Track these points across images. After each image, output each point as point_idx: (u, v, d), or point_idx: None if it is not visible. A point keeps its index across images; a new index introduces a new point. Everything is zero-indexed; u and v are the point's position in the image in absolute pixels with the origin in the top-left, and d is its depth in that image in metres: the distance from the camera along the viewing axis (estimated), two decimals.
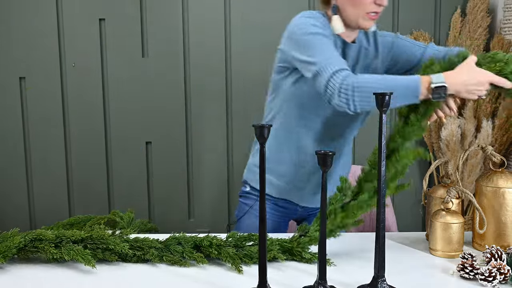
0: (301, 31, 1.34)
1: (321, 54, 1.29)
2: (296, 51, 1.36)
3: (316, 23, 1.34)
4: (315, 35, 1.32)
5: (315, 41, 1.31)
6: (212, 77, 2.43)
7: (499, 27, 2.36)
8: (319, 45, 1.31)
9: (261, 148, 0.98)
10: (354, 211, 1.19)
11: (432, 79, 1.20)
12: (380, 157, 1.01)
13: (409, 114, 1.24)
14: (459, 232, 1.24)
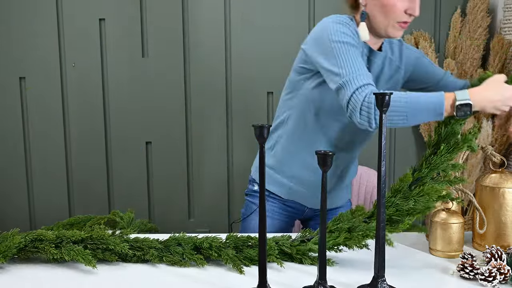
0: (330, 37, 1.30)
1: (348, 66, 1.25)
2: (322, 57, 1.31)
3: (347, 31, 1.30)
4: (344, 44, 1.28)
5: (343, 50, 1.27)
6: (212, 77, 2.43)
7: (499, 27, 2.36)
8: (347, 56, 1.27)
9: (261, 148, 0.98)
10: (359, 236, 1.18)
11: (456, 96, 1.17)
12: (380, 157, 1.01)
13: (440, 143, 1.21)
14: (459, 232, 1.24)
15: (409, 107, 1.17)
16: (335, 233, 1.20)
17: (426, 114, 1.18)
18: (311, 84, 1.41)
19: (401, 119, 1.19)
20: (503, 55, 2.25)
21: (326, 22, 1.33)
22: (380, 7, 1.31)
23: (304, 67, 1.42)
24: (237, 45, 2.41)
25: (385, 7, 1.30)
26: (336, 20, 1.33)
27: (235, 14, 2.39)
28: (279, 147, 1.51)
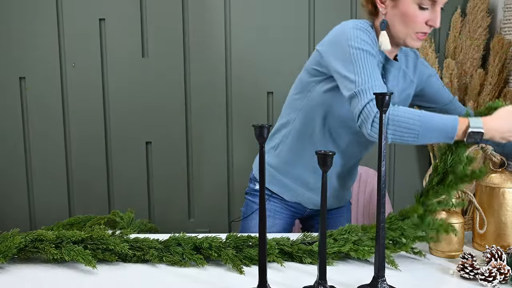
0: (349, 43, 1.26)
1: (364, 75, 1.23)
2: (338, 61, 1.28)
3: (367, 38, 1.28)
4: (363, 52, 1.25)
5: (362, 58, 1.25)
6: (212, 77, 2.43)
7: (499, 27, 2.36)
8: (365, 64, 1.24)
9: (261, 148, 0.98)
10: (364, 251, 1.19)
11: (470, 123, 1.17)
12: (380, 157, 1.01)
13: (448, 174, 1.21)
14: (459, 232, 1.24)
15: (422, 126, 1.16)
16: (340, 242, 1.20)
17: (437, 135, 1.18)
18: (322, 88, 1.39)
19: (411, 137, 1.18)
20: (503, 55, 2.25)
21: (346, 27, 1.30)
22: (400, 17, 1.29)
23: (317, 69, 1.39)
24: (237, 45, 2.41)
25: (406, 17, 1.28)
26: (357, 25, 1.29)
27: (235, 14, 2.39)
28: (284, 148, 1.50)
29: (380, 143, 1.01)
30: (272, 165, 1.52)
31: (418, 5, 1.27)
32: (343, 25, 1.32)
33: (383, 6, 1.32)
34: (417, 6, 1.27)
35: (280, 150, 1.51)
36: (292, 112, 1.48)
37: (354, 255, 1.18)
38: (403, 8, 1.28)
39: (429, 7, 1.27)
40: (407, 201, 2.59)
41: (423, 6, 1.27)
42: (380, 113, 1.00)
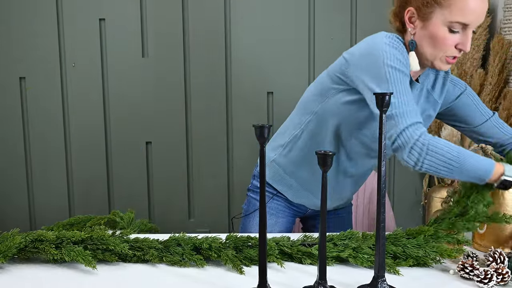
0: (385, 61, 1.21)
1: (401, 96, 1.19)
2: (371, 78, 1.23)
3: (402, 58, 1.23)
4: (400, 73, 1.21)
5: (399, 79, 1.20)
6: (212, 77, 2.43)
7: (499, 27, 2.36)
8: (402, 85, 1.20)
9: (261, 148, 0.98)
10: (363, 258, 1.19)
11: (505, 171, 1.16)
12: (380, 157, 1.01)
13: (469, 210, 1.21)
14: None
15: (459, 164, 1.15)
16: (340, 247, 1.20)
17: (471, 175, 1.17)
18: (342, 98, 1.34)
19: (446, 171, 1.16)
20: (503, 55, 2.25)
21: (381, 43, 1.23)
22: (429, 38, 1.25)
23: (341, 79, 1.33)
24: (237, 45, 2.41)
25: (435, 39, 1.24)
26: (392, 43, 1.24)
27: (235, 14, 2.39)
28: (293, 148, 1.47)
29: (380, 143, 1.01)
30: (280, 164, 1.50)
31: (448, 28, 1.22)
32: (376, 40, 1.25)
33: (412, 26, 1.28)
34: (447, 29, 1.22)
35: (289, 149, 1.48)
36: (306, 113, 1.44)
37: (353, 261, 1.18)
38: (433, 30, 1.23)
39: (459, 30, 1.22)
40: (407, 201, 2.61)
41: (454, 29, 1.22)
42: (380, 113, 1.00)
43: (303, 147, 1.45)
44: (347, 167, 1.45)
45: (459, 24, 1.22)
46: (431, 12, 1.23)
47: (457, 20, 1.21)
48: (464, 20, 1.21)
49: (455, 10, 1.20)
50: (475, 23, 1.22)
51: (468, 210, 1.21)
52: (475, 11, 1.20)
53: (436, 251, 1.18)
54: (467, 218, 1.20)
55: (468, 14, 1.20)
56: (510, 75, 2.29)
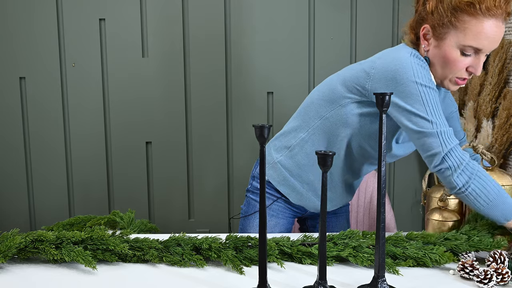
0: (414, 79, 1.20)
1: (438, 116, 1.20)
2: (398, 96, 1.22)
3: (429, 76, 1.23)
4: (431, 90, 1.21)
5: (432, 97, 1.21)
6: (212, 77, 2.43)
7: None
8: (435, 103, 1.21)
9: (261, 148, 0.98)
10: (364, 258, 1.19)
11: None
12: (380, 157, 1.01)
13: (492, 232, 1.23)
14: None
15: (496, 200, 1.17)
16: (340, 246, 1.20)
17: (499, 214, 1.18)
18: (358, 109, 1.33)
19: (483, 204, 1.18)
20: (503, 55, 2.25)
21: (406, 59, 1.22)
22: (441, 58, 1.25)
23: (359, 90, 1.32)
24: (237, 45, 2.41)
25: (447, 60, 1.23)
26: (417, 62, 1.23)
27: (235, 14, 2.39)
28: (300, 151, 1.46)
29: (380, 143, 1.01)
30: (285, 166, 1.49)
31: (461, 51, 1.22)
32: (401, 56, 1.23)
33: (426, 42, 1.27)
34: (460, 51, 1.22)
35: (296, 152, 1.47)
36: (315, 117, 1.42)
37: (353, 261, 1.18)
38: (445, 50, 1.23)
39: (472, 54, 1.22)
40: (407, 201, 2.60)
41: (466, 52, 1.21)
42: (380, 113, 1.00)
43: (310, 152, 1.44)
44: (347, 176, 1.47)
45: (471, 48, 1.21)
46: (446, 33, 1.22)
47: (470, 44, 1.20)
48: (477, 45, 1.20)
49: (469, 34, 1.19)
50: (488, 49, 1.21)
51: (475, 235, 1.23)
52: (489, 37, 1.19)
53: (435, 252, 1.18)
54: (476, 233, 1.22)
55: (482, 39, 1.19)
56: (510, 75, 2.29)
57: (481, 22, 1.18)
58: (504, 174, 1.32)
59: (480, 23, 1.18)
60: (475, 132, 2.29)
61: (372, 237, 1.23)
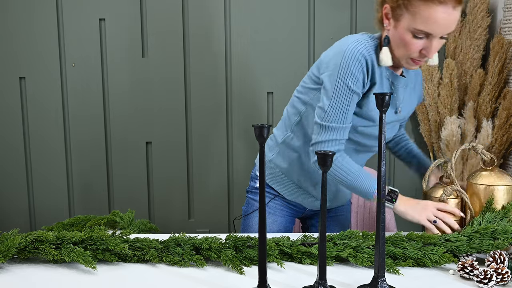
0: (339, 71, 1.28)
1: (337, 112, 1.29)
2: (328, 79, 1.31)
3: (358, 73, 1.27)
4: (348, 90, 1.28)
5: (344, 95, 1.29)
6: (212, 77, 2.43)
7: (499, 27, 2.36)
8: (343, 102, 1.29)
9: (261, 148, 0.98)
10: (363, 258, 1.20)
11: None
12: (380, 157, 1.01)
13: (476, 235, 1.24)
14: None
15: (349, 184, 1.35)
16: (340, 246, 1.20)
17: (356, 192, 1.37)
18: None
19: (341, 184, 1.37)
20: (503, 55, 2.25)
21: (349, 53, 1.28)
22: (397, 39, 1.28)
23: (316, 81, 1.39)
24: (237, 45, 2.41)
25: (401, 41, 1.26)
26: (354, 54, 1.27)
27: (235, 14, 2.39)
28: (289, 148, 1.49)
29: (380, 143, 1.01)
30: (276, 163, 1.52)
31: (412, 34, 1.24)
32: (346, 48, 1.29)
33: (387, 22, 1.30)
34: (412, 34, 1.24)
35: (284, 150, 1.50)
36: (295, 114, 1.47)
37: (353, 261, 1.18)
38: (400, 32, 1.26)
39: (424, 37, 1.24)
40: None
41: (418, 35, 1.24)
42: (380, 113, 1.01)
43: (296, 148, 1.47)
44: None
45: (422, 32, 1.23)
46: (401, 15, 1.25)
47: (420, 28, 1.22)
48: (427, 30, 1.22)
49: (419, 18, 1.21)
50: (439, 33, 1.23)
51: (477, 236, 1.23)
52: (438, 23, 1.21)
53: (435, 253, 1.18)
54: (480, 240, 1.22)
55: (431, 24, 1.21)
56: (510, 75, 2.29)
57: (430, 8, 1.20)
58: (504, 174, 1.32)
59: (430, 9, 1.20)
60: (475, 132, 2.29)
61: (372, 238, 1.23)
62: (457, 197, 1.33)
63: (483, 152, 1.32)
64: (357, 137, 1.39)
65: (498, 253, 1.13)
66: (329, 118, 1.30)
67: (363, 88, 1.31)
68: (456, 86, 2.31)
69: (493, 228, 1.21)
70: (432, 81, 2.33)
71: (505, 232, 1.20)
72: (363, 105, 1.34)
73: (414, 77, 1.47)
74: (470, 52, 2.32)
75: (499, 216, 1.26)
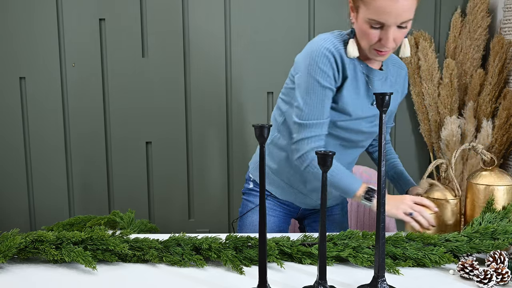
0: (310, 69, 1.32)
1: (312, 108, 1.33)
2: (299, 83, 1.35)
3: (328, 69, 1.31)
4: (319, 86, 1.32)
5: (316, 91, 1.32)
6: (212, 77, 2.43)
7: (499, 27, 2.36)
8: (316, 98, 1.33)
9: (261, 148, 0.98)
10: (364, 258, 1.20)
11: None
12: (380, 157, 1.01)
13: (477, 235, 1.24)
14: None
15: (330, 182, 1.36)
16: (340, 246, 1.20)
17: (338, 191, 1.40)
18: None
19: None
20: (503, 55, 2.25)
21: (314, 52, 1.32)
22: (358, 30, 1.32)
23: (293, 80, 1.43)
24: (237, 45, 2.41)
25: (362, 32, 1.30)
26: (322, 52, 1.31)
27: (235, 13, 2.39)
28: (277, 148, 1.52)
29: (380, 143, 1.01)
30: (266, 164, 1.54)
31: (369, 24, 1.27)
32: (313, 47, 1.33)
33: (352, 14, 1.33)
34: (368, 24, 1.27)
35: (272, 149, 1.53)
36: (280, 114, 1.51)
37: (353, 261, 1.18)
38: (359, 23, 1.29)
39: (379, 27, 1.26)
40: None
41: (373, 26, 1.26)
42: (380, 113, 1.01)
43: (283, 147, 1.49)
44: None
45: (376, 22, 1.25)
46: (358, 6, 1.29)
47: (372, 18, 1.25)
48: (378, 19, 1.24)
49: (371, 9, 1.24)
50: (393, 23, 1.24)
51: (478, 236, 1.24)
52: (389, 13, 1.23)
53: (435, 253, 1.18)
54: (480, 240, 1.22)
55: (382, 14, 1.23)
56: (510, 75, 2.29)
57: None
58: (504, 174, 1.32)
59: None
60: (475, 132, 2.29)
61: (372, 238, 1.23)
62: (455, 196, 1.33)
63: (483, 152, 1.32)
64: (338, 132, 1.40)
65: (498, 253, 1.13)
66: (306, 116, 1.34)
67: (335, 82, 1.34)
68: (456, 86, 2.31)
69: (493, 228, 1.21)
70: (432, 81, 2.33)
71: (505, 232, 1.20)
72: (338, 100, 1.36)
73: (396, 72, 1.47)
74: (470, 52, 2.32)
75: (499, 217, 1.26)
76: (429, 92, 2.33)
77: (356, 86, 1.36)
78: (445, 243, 1.21)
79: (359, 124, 1.40)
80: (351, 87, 1.35)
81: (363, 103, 1.38)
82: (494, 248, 1.18)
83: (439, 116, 2.34)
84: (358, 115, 1.37)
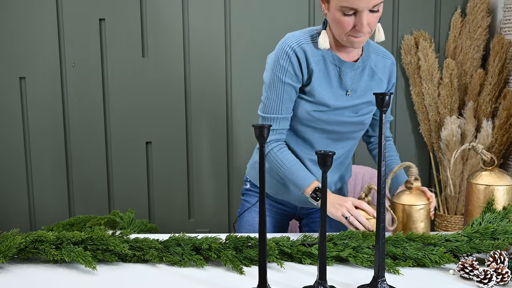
0: (273, 67, 1.39)
1: (273, 103, 1.39)
2: (265, 78, 1.42)
3: (289, 66, 1.36)
4: (280, 82, 1.37)
5: (277, 87, 1.38)
6: (212, 77, 2.43)
7: (499, 27, 2.36)
8: (277, 94, 1.38)
9: (261, 148, 0.98)
10: (364, 258, 1.20)
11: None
12: (380, 157, 1.01)
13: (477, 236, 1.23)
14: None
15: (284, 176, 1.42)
16: (340, 246, 1.20)
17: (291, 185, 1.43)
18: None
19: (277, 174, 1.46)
20: (503, 55, 2.25)
21: (278, 49, 1.40)
22: (331, 20, 1.32)
23: None
24: (237, 45, 2.42)
25: (335, 20, 1.30)
26: (285, 50, 1.38)
27: (235, 13, 2.39)
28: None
29: (380, 143, 1.01)
30: (257, 161, 1.55)
31: (341, 12, 1.27)
32: (278, 45, 1.42)
33: (323, 6, 1.34)
34: (341, 12, 1.27)
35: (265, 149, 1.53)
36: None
37: (353, 261, 1.18)
38: (331, 12, 1.30)
39: (352, 13, 1.27)
40: None
41: (346, 13, 1.27)
42: (380, 113, 1.01)
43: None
44: (310, 146, 1.47)
45: (348, 8, 1.26)
46: None
47: (344, 5, 1.26)
48: (350, 5, 1.25)
49: None
50: (363, 7, 1.25)
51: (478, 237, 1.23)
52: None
53: (435, 253, 1.18)
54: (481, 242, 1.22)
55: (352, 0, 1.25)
56: (510, 75, 2.29)
57: None
58: (504, 174, 1.32)
59: None
60: (475, 132, 2.29)
61: (372, 238, 1.23)
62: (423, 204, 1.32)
63: (483, 152, 1.32)
64: (322, 125, 1.41)
65: (498, 253, 1.13)
66: (267, 110, 1.42)
67: (297, 77, 1.37)
68: (456, 86, 2.31)
69: (493, 228, 1.21)
70: (432, 81, 2.33)
71: (505, 232, 1.20)
72: (312, 92, 1.37)
73: (380, 61, 1.45)
74: (470, 52, 2.32)
75: (499, 217, 1.26)
76: (429, 92, 2.33)
77: (328, 77, 1.37)
78: (445, 243, 1.21)
79: (341, 114, 1.41)
80: (322, 79, 1.37)
81: (338, 94, 1.39)
82: (494, 248, 1.18)
83: (439, 116, 2.34)
84: (336, 105, 1.38)
